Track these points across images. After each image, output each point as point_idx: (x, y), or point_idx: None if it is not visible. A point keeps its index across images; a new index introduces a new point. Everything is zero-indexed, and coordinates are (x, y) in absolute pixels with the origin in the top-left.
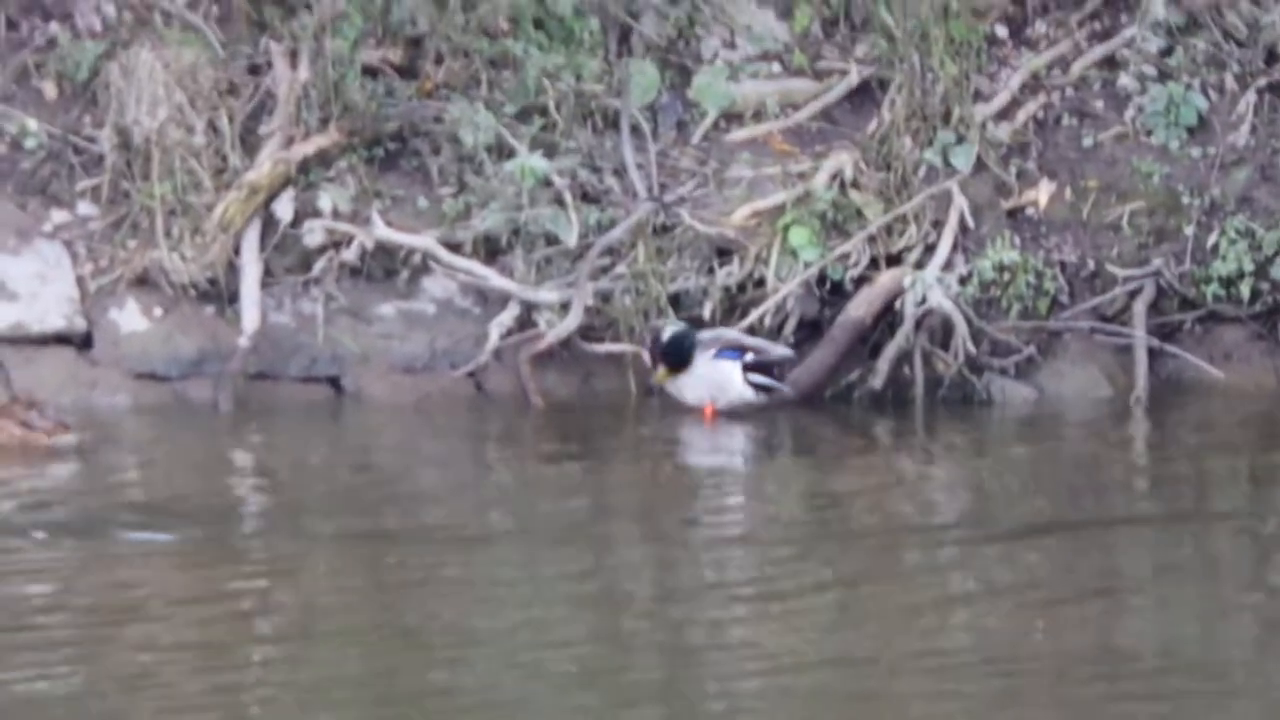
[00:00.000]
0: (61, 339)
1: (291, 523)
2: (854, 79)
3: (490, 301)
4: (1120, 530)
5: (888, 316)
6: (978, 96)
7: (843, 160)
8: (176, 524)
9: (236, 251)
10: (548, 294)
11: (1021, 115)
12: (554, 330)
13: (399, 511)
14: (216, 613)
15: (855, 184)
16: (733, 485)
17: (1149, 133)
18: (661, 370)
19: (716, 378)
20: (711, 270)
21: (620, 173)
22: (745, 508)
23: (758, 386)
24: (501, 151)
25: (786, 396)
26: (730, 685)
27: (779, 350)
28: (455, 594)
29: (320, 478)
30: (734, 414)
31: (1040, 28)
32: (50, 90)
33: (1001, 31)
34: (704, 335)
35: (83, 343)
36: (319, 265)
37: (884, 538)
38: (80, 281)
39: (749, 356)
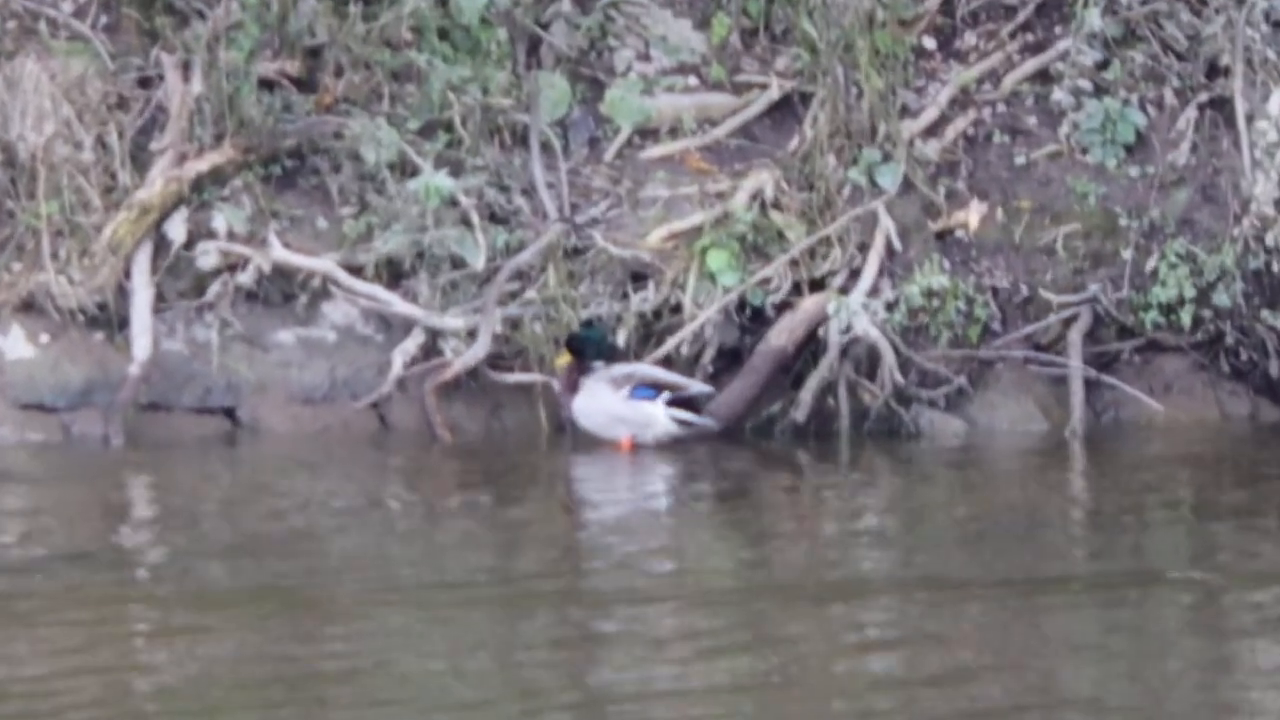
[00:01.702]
0: None
1: (182, 572)
2: (775, 93)
3: (393, 328)
4: (1053, 589)
5: (811, 345)
6: (904, 112)
7: (763, 179)
8: (60, 570)
9: (127, 275)
10: (454, 320)
11: (950, 132)
12: (460, 359)
13: (296, 562)
14: (98, 672)
15: (776, 205)
16: (647, 531)
17: (1085, 150)
18: (565, 357)
19: (636, 417)
20: (626, 295)
21: (529, 192)
22: (660, 557)
23: (681, 421)
24: (405, 169)
25: (710, 429)
26: None
27: (697, 386)
28: (354, 655)
29: (214, 521)
30: (651, 447)
31: (970, 39)
32: None
33: (930, 43)
34: (616, 370)
35: None
36: (213, 289)
37: (805, 592)
38: None
39: (666, 395)
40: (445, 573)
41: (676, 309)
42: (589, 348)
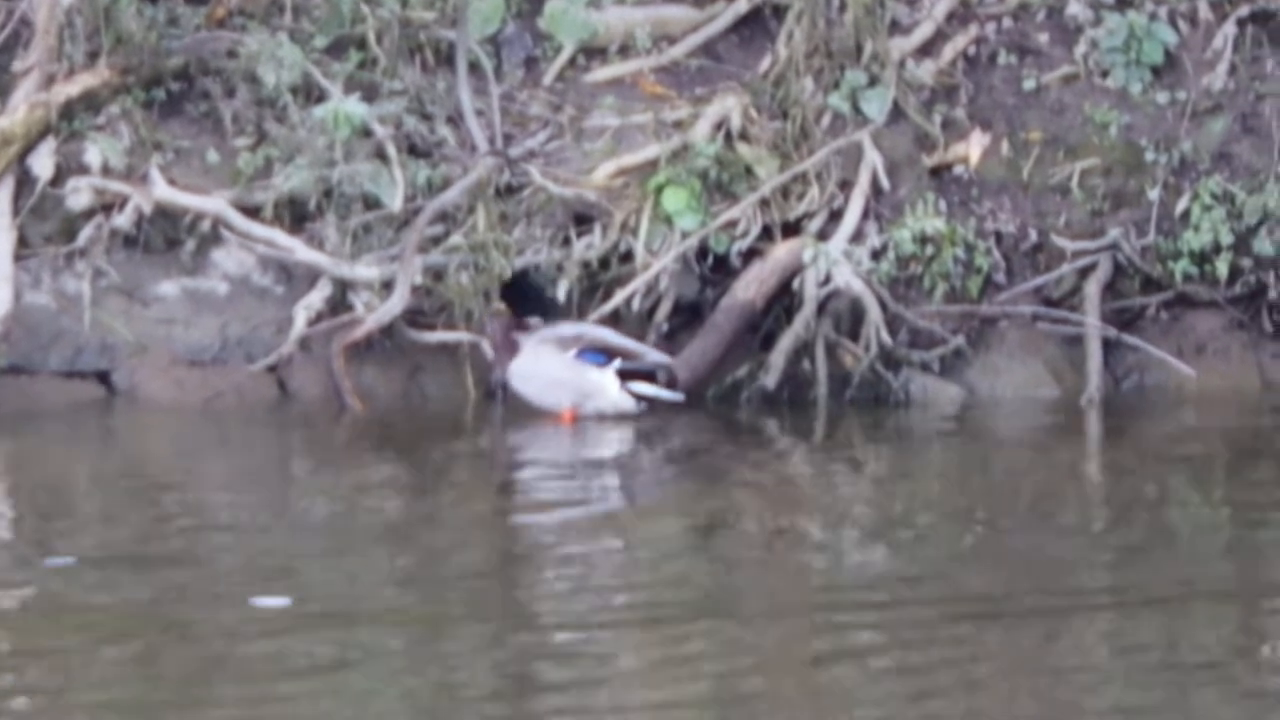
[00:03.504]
0: None
1: (40, 580)
2: (743, 5)
3: (295, 279)
4: (1064, 606)
5: (784, 299)
6: (895, 28)
7: (728, 106)
8: None
9: None
10: (366, 270)
11: (948, 51)
12: (374, 315)
13: (179, 569)
14: None
15: (744, 136)
16: (591, 528)
17: (1105, 73)
18: (499, 307)
19: (580, 383)
20: (568, 241)
21: (455, 121)
22: (603, 565)
23: (640, 397)
24: (310, 94)
25: (675, 402)
26: None
27: (654, 355)
28: (247, 692)
29: (81, 513)
30: (595, 420)
31: None
32: None
33: None
34: (564, 330)
35: None
36: (85, 233)
37: (775, 607)
38: None
39: (616, 363)
40: (356, 584)
41: (627, 257)
42: (529, 300)
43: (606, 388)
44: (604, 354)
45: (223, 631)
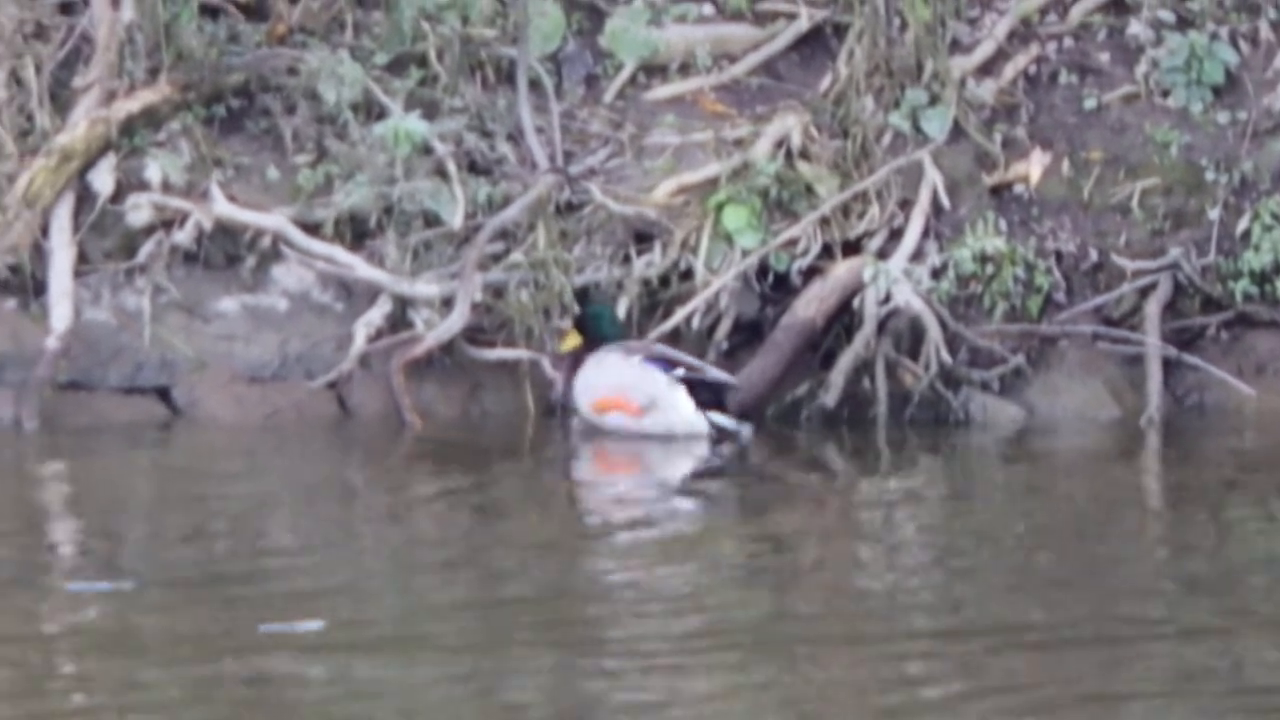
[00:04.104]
0: None
1: (106, 598)
2: (803, 24)
3: (355, 296)
4: (1128, 639)
5: (844, 318)
6: (955, 47)
7: (789, 125)
8: None
9: (44, 232)
10: (426, 287)
11: (1009, 70)
12: (434, 332)
13: (246, 590)
14: None
15: (804, 154)
16: (650, 550)
17: (1165, 93)
18: (571, 338)
19: (648, 388)
20: (628, 259)
21: (516, 138)
22: (664, 588)
23: (714, 424)
24: (370, 111)
25: (742, 438)
26: None
27: (714, 373)
28: (307, 705)
29: (142, 527)
30: (660, 439)
31: None
32: None
33: None
34: (629, 343)
35: None
36: (145, 250)
37: (833, 644)
38: None
39: (681, 371)
40: (416, 606)
41: (687, 275)
42: (601, 325)
43: (679, 404)
44: (666, 362)
45: (282, 654)
